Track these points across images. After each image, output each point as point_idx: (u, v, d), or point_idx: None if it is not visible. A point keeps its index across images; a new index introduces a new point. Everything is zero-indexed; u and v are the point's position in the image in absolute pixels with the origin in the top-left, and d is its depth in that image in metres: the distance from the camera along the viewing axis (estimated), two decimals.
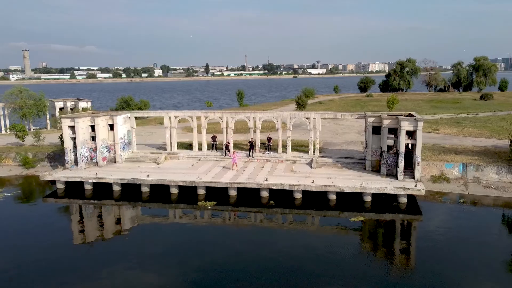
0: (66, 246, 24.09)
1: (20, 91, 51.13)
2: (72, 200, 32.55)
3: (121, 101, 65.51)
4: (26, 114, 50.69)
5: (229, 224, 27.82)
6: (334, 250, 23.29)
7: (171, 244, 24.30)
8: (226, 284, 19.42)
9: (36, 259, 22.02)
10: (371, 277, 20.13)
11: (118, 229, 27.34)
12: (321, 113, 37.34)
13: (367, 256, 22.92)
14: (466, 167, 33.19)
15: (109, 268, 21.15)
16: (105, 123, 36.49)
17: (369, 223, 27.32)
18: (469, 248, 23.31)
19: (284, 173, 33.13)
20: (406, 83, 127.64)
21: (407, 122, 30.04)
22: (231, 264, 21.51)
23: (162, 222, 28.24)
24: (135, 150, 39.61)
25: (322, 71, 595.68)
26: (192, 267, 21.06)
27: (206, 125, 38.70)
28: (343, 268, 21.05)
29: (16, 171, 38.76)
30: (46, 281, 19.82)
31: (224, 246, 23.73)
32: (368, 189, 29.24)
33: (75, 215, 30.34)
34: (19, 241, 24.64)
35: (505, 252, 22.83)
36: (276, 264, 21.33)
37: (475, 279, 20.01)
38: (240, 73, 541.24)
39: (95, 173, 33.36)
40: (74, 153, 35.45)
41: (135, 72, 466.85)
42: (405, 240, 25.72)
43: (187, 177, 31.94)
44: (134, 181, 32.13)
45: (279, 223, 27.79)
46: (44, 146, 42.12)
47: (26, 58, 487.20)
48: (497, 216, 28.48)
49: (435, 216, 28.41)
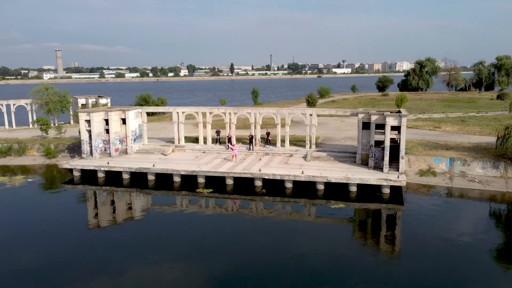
0: (80, 228, 26.85)
1: (46, 89, 55.45)
2: (86, 186, 36.00)
3: (140, 99, 69.35)
4: (51, 110, 54.95)
5: (225, 213, 30.42)
6: (314, 234, 25.64)
7: (177, 228, 26.52)
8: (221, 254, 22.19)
9: (52, 239, 24.70)
10: (345, 255, 22.41)
11: (128, 214, 30.08)
12: (316, 109, 39.52)
13: (347, 240, 24.96)
14: (453, 162, 34.69)
15: (120, 251, 23.15)
16: (118, 117, 39.87)
17: (352, 211, 29.53)
18: (444, 236, 24.73)
19: (278, 165, 35.57)
20: (425, 82, 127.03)
21: (392, 118, 31.93)
22: (229, 244, 24.11)
23: (169, 209, 30.87)
24: (146, 143, 42.88)
25: (348, 71, 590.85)
26: (195, 248, 23.20)
27: (210, 120, 41.53)
28: (318, 248, 23.43)
29: (39, 161, 42.74)
30: (63, 260, 21.97)
31: (220, 230, 26.28)
32: (353, 180, 31.32)
33: (89, 201, 33.67)
34: (38, 222, 27.75)
35: (474, 239, 24.51)
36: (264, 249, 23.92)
37: (448, 264, 21.51)
38: (264, 73, 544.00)
39: (107, 162, 36.77)
40: (89, 144, 38.99)
41: (161, 71, 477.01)
42: (385, 227, 27.49)
43: (188, 167, 34.88)
44: (141, 169, 35.30)
45: (272, 211, 30.23)
46: (65, 138, 46.03)
47: (58, 58, 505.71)
48: (475, 207, 30.04)
49: (416, 207, 30.11)
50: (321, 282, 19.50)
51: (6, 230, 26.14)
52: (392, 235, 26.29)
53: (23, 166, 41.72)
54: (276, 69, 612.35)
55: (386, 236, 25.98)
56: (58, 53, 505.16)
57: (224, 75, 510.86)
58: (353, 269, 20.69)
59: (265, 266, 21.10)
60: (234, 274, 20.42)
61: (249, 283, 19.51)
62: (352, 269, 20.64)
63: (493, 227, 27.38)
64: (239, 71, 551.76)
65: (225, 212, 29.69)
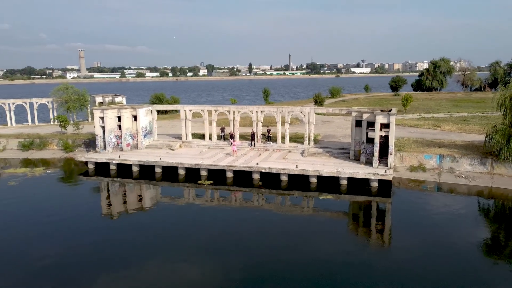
0: (94, 215, 29.63)
1: (66, 88, 59.20)
2: (100, 177, 39.10)
3: (154, 98, 72.68)
4: (70, 108, 58.65)
5: (228, 205, 32.84)
6: (306, 224, 27.97)
7: (183, 218, 28.76)
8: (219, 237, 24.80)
9: (67, 226, 27.16)
10: (329, 240, 24.69)
11: (138, 204, 32.66)
12: (314, 108, 41.68)
13: (337, 229, 27.08)
14: (443, 158, 36.34)
15: (131, 239, 24.92)
16: (129, 114, 42.92)
17: (342, 203, 31.73)
18: (425, 226, 26.66)
19: (276, 159, 37.91)
20: (439, 82, 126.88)
21: (381, 116, 33.87)
22: (232, 233, 26.45)
23: (176, 200, 33.54)
24: (155, 139, 45.83)
25: (367, 70, 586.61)
26: (200, 236, 25.39)
27: (215, 117, 44.19)
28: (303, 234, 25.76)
29: (58, 154, 46.22)
30: (77, 246, 23.98)
31: (223, 220, 28.70)
32: (343, 173, 33.43)
33: (103, 191, 36.74)
34: (55, 209, 30.64)
35: (454, 229, 26.30)
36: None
37: (427, 250, 23.49)
38: (283, 73, 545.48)
39: (119, 156, 39.83)
40: (103, 139, 42.14)
41: (181, 71, 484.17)
42: (374, 218, 29.26)
43: (192, 161, 37.59)
44: (149, 162, 38.20)
45: (270, 203, 32.61)
46: (82, 134, 49.46)
47: (81, 58, 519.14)
48: (458, 201, 31.70)
49: (403, 200, 32.12)
50: (312, 266, 21.70)
51: (25, 217, 28.99)
52: (378, 224, 28.18)
53: (44, 159, 45.25)
54: (295, 69, 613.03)
55: (371, 225, 28.05)
56: (81, 53, 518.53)
57: (242, 75, 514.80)
58: (341, 256, 22.80)
59: (266, 255, 22.85)
60: (238, 258, 22.44)
61: (250, 264, 21.80)
62: (341, 257, 22.67)
63: (474, 219, 28.85)
64: (257, 71, 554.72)
65: (228, 204, 31.94)
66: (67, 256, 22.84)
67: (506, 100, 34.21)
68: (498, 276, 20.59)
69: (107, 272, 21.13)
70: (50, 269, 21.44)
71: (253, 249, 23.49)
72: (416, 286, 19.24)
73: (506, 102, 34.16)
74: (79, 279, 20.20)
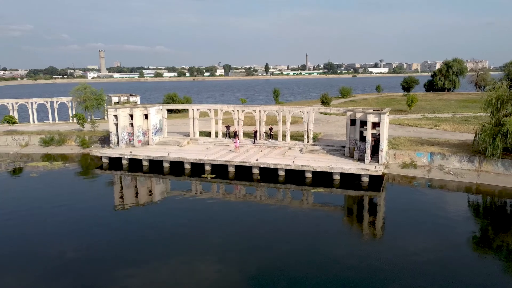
0: (107, 205, 32.51)
1: (84, 88, 62.87)
2: (113, 171, 42.26)
3: (167, 97, 75.95)
4: (88, 107, 62.26)
5: (232, 198, 35.52)
6: (301, 215, 30.45)
7: (192, 210, 30.99)
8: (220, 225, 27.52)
9: (82, 216, 29.75)
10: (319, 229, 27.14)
11: (149, 196, 35.49)
12: (313, 108, 43.96)
13: (327, 218, 29.55)
14: (434, 156, 38.23)
15: (142, 228, 27.27)
16: (141, 113, 46.04)
17: (335, 197, 34.04)
18: (411, 217, 28.99)
19: (276, 156, 40.40)
20: (451, 83, 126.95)
21: (372, 115, 36.01)
22: (237, 222, 29.36)
23: (184, 194, 36.46)
24: (165, 136, 48.87)
25: (385, 70, 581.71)
26: (207, 225, 27.87)
27: (221, 116, 46.95)
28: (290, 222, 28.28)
29: (76, 150, 49.73)
30: (91, 235, 26.34)
31: (228, 211, 31.63)
32: (336, 169, 35.72)
33: (116, 184, 39.82)
34: (71, 199, 33.67)
35: (438, 220, 28.34)
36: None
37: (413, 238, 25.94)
38: (299, 72, 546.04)
39: (130, 151, 42.97)
40: (116, 136, 45.37)
41: (198, 71, 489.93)
42: (363, 210, 31.61)
43: (197, 156, 40.41)
44: (158, 157, 41.20)
45: (266, 196, 35.18)
46: (98, 131, 52.90)
47: (102, 58, 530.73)
48: (444, 195, 33.66)
49: (392, 194, 34.22)
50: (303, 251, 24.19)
51: (44, 206, 32.04)
52: (366, 216, 30.45)
53: (62, 154, 48.80)
54: (312, 69, 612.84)
55: (364, 218, 30.23)
56: (102, 54, 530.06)
57: (259, 74, 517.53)
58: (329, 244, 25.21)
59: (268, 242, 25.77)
60: (243, 242, 25.07)
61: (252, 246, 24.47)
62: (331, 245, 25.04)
63: (460, 212, 30.37)
64: (274, 70, 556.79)
65: (231, 199, 34.44)
66: (83, 249, 24.20)
67: (492, 101, 35.92)
68: (486, 264, 22.47)
69: (123, 263, 22.44)
70: (67, 258, 23.26)
71: (256, 238, 25.48)
72: (405, 274, 20.94)
73: (493, 103, 35.87)
74: (97, 274, 21.24)
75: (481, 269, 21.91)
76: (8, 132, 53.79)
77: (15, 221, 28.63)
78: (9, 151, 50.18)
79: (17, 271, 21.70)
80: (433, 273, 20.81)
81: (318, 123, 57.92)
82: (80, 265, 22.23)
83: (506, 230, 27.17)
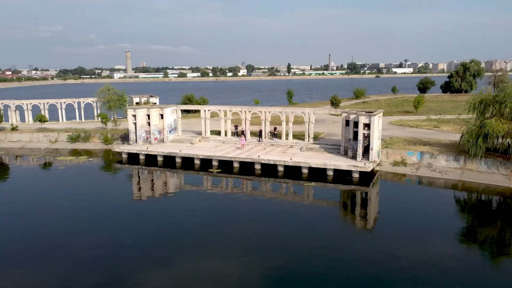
0: (126, 195, 36.93)
1: (108, 89, 68.15)
2: (131, 165, 46.91)
3: (185, 98, 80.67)
4: (111, 107, 67.50)
5: (239, 192, 39.54)
6: (296, 207, 34.18)
7: (202, 202, 34.64)
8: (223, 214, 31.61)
9: (103, 205, 34.09)
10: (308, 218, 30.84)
11: (163, 189, 39.68)
12: (314, 109, 47.46)
13: (320, 210, 33.20)
14: (423, 155, 41.14)
15: (157, 219, 30.70)
16: (157, 113, 50.60)
17: (328, 190, 37.51)
18: (397, 209, 32.30)
19: (277, 153, 44.13)
20: (468, 84, 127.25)
21: (363, 117, 39.27)
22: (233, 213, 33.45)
23: (194, 187, 40.90)
24: (179, 134, 53.32)
25: (409, 70, 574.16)
26: (216, 214, 32.25)
27: (230, 117, 51.01)
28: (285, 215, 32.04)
29: (99, 146, 54.83)
30: (110, 222, 30.33)
31: (226, 202, 35.74)
32: (329, 165, 39.17)
33: (134, 177, 44.45)
34: (95, 190, 38.30)
35: (419, 212, 31.60)
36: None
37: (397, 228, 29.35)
38: (321, 73, 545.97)
39: (146, 148, 47.57)
40: (135, 134, 50.07)
41: (221, 71, 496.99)
42: (354, 203, 35.12)
43: (205, 152, 44.60)
44: (170, 153, 45.61)
45: (266, 190, 38.99)
46: (119, 129, 57.92)
47: (128, 59, 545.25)
48: (429, 191, 36.69)
49: (381, 188, 37.44)
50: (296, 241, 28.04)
51: (69, 196, 36.58)
52: (361, 209, 33.85)
53: (87, 150, 53.96)
54: (335, 69, 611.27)
55: (355, 211, 33.76)
56: (128, 54, 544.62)
57: (281, 75, 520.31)
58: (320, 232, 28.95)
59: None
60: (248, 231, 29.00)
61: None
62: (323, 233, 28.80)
63: (443, 206, 32.94)
64: (296, 71, 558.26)
65: (240, 192, 38.51)
66: (104, 237, 26.78)
67: (476, 104, 38.59)
68: (465, 252, 25.49)
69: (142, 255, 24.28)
70: (89, 244, 27.50)
71: (260, 228, 28.43)
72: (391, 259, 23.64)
73: (476, 106, 38.54)
74: (120, 267, 23.02)
75: (460, 255, 24.74)
76: (40, 130, 59.53)
77: (45, 205, 33.38)
78: (40, 147, 55.78)
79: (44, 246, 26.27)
80: (418, 262, 23.00)
81: (324, 124, 61.32)
82: (101, 253, 24.55)
83: (487, 223, 29.91)
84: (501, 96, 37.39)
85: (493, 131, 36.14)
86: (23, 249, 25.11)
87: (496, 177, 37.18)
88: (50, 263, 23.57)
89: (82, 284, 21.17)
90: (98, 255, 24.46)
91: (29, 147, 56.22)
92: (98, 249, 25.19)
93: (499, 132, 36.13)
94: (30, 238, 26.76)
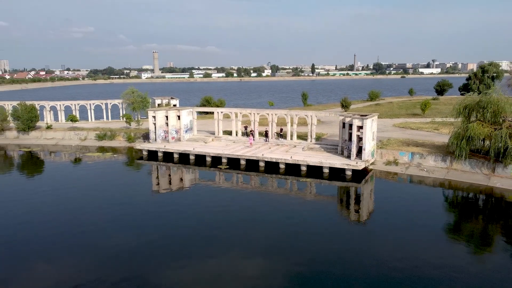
0: (146, 188, 42.30)
1: (132, 92, 74.09)
2: (151, 162, 52.33)
3: (203, 100, 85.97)
4: (135, 108, 73.42)
5: (245, 187, 44.32)
6: (293, 202, 38.65)
7: (213, 196, 39.84)
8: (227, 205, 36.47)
9: (125, 197, 39.83)
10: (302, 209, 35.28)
11: (180, 184, 44.61)
12: (316, 112, 51.62)
13: (313, 202, 37.60)
14: (414, 155, 44.67)
15: (174, 210, 37.54)
16: (174, 114, 55.90)
17: (324, 187, 41.70)
18: (388, 202, 36.46)
19: (280, 152, 48.54)
20: (486, 86, 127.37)
21: (357, 120, 43.20)
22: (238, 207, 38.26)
23: (208, 182, 45.94)
24: (195, 134, 58.48)
25: (436, 71, 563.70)
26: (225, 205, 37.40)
27: (240, 118, 55.76)
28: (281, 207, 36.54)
29: (123, 144, 60.69)
30: (130, 212, 36.35)
31: (240, 197, 40.56)
32: (325, 163, 43.31)
33: (153, 172, 49.79)
34: (119, 183, 43.98)
35: (399, 203, 35.55)
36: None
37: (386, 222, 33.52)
38: (346, 73, 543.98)
39: (164, 146, 52.93)
40: (154, 133, 55.52)
41: (245, 71, 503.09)
42: (350, 198, 39.27)
43: (216, 151, 49.50)
44: (185, 151, 50.77)
45: (269, 185, 43.52)
46: (142, 129, 63.68)
47: (155, 59, 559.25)
48: (415, 188, 40.30)
49: (369, 184, 41.34)
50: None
51: (96, 187, 42.18)
52: (355, 204, 38.10)
53: (113, 147, 59.89)
54: (361, 69, 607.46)
55: (350, 205, 37.96)
56: (155, 55, 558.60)
57: (305, 75, 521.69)
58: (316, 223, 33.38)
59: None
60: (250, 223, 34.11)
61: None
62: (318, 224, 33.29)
63: (428, 200, 36.87)
64: (320, 71, 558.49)
65: (249, 188, 43.39)
66: (122, 219, 34.92)
67: (460, 108, 41.87)
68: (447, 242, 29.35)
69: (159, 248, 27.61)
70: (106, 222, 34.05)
71: (263, 221, 33.11)
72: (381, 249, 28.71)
73: (461, 110, 41.82)
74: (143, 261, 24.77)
75: (445, 247, 27.43)
76: (71, 128, 66.05)
77: (75, 193, 39.03)
78: (71, 144, 62.20)
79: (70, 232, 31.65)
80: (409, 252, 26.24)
81: (331, 125, 65.14)
82: (126, 246, 27.06)
83: (470, 219, 33.24)
84: (484, 102, 40.52)
85: (475, 134, 39.45)
86: (57, 235, 29.68)
87: (478, 176, 40.41)
88: (80, 249, 27.25)
89: (108, 273, 23.67)
90: (123, 248, 26.80)
91: (61, 144, 62.77)
92: (122, 240, 27.97)
93: (480, 135, 39.42)
94: (61, 225, 31.25)
